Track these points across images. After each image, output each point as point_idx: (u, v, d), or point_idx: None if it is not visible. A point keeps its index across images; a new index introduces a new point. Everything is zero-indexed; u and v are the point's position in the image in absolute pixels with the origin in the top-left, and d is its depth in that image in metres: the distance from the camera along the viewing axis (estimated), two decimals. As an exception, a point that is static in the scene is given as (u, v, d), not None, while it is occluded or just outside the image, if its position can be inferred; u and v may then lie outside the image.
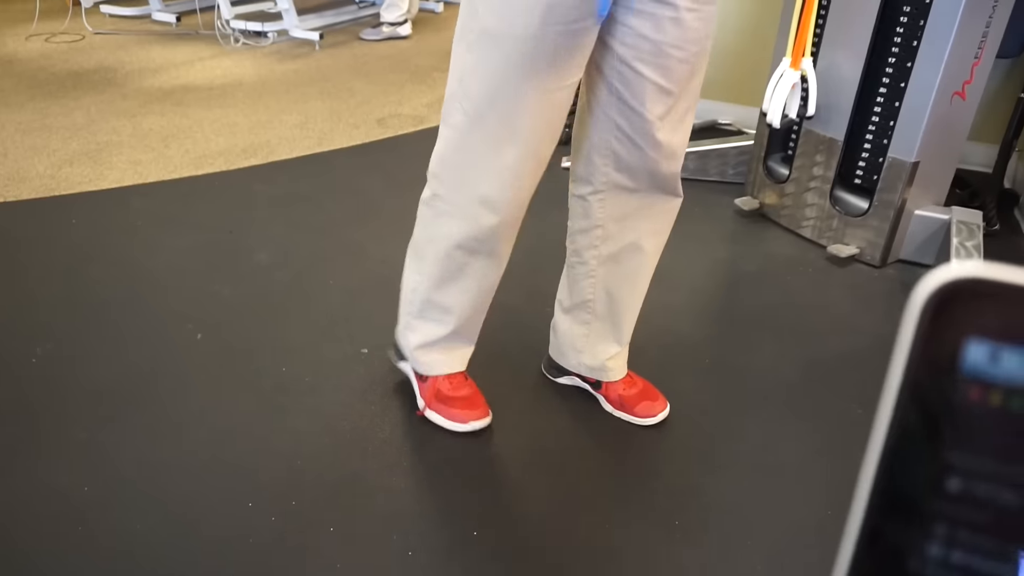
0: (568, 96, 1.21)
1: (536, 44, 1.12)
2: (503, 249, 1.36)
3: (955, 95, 1.95)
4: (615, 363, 1.51)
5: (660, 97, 1.21)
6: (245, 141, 2.81)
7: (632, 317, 1.49)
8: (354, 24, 4.81)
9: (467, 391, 1.47)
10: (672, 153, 1.29)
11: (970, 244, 1.96)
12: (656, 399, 1.51)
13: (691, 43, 1.18)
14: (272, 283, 1.91)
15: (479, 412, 1.45)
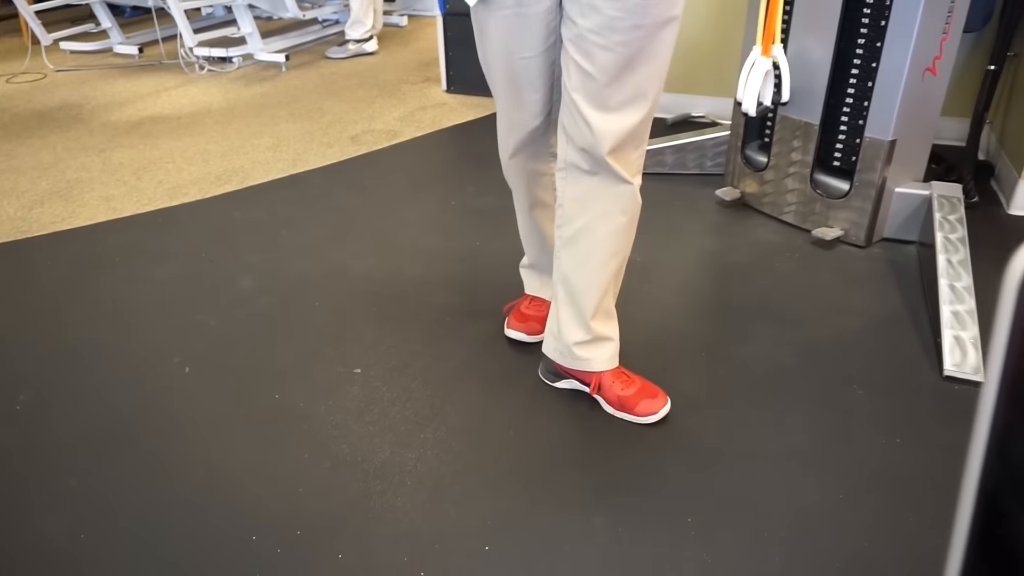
0: (529, 66, 1.35)
1: (486, 23, 1.36)
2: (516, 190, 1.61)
3: (927, 71, 1.96)
4: (583, 351, 1.49)
5: (584, 80, 1.28)
6: (218, 168, 2.77)
7: (589, 302, 1.46)
8: (319, 44, 4.78)
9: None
10: (605, 138, 1.31)
11: (953, 218, 1.96)
12: (656, 396, 1.50)
13: (614, 32, 1.22)
14: (257, 309, 1.88)
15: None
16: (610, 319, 1.52)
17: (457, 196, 2.52)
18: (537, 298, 1.76)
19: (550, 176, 1.55)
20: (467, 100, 3.61)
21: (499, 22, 1.33)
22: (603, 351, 1.51)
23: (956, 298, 1.72)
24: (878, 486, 1.33)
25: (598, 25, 1.22)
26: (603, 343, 1.51)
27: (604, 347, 1.51)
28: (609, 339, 1.52)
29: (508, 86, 1.41)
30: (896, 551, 1.20)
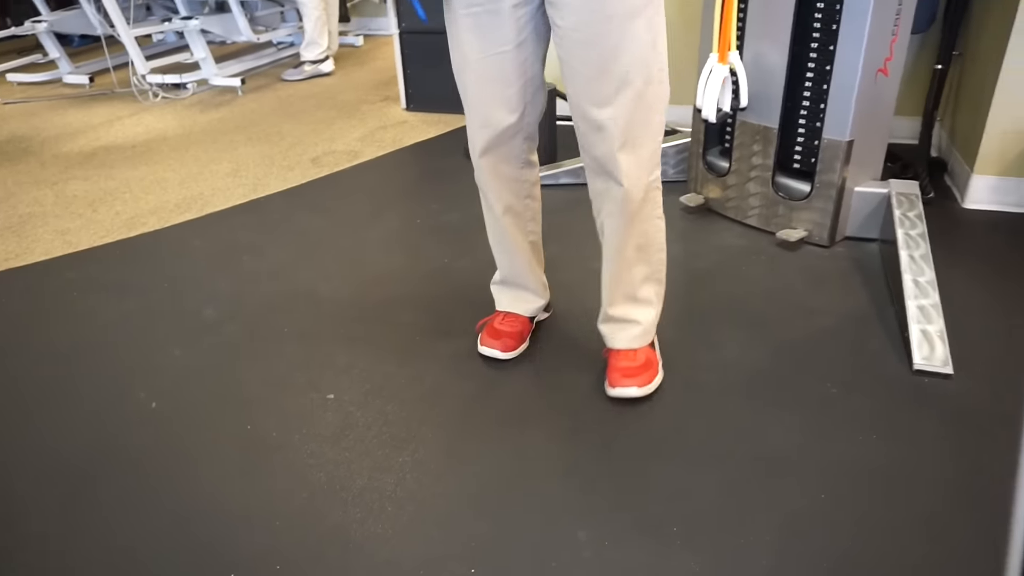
0: (501, 62, 1.39)
1: (457, 21, 1.41)
2: (488, 194, 1.60)
3: (879, 72, 2.00)
4: (603, 327, 1.63)
5: (569, 73, 1.37)
6: (177, 196, 2.72)
7: (608, 292, 1.59)
8: (275, 66, 4.74)
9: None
10: (597, 128, 1.37)
11: (912, 214, 2.00)
12: (637, 375, 1.55)
13: (589, 26, 1.29)
14: (223, 338, 1.84)
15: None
16: (631, 303, 1.58)
17: (422, 214, 2.50)
18: (511, 313, 1.74)
19: (522, 184, 1.59)
20: (427, 117, 3.60)
21: (469, 19, 1.38)
22: (617, 331, 1.60)
23: (921, 293, 1.75)
24: (859, 483, 1.34)
25: (576, 23, 1.30)
26: (622, 324, 1.59)
27: (620, 328, 1.59)
28: (628, 321, 1.58)
29: (481, 83, 1.43)
30: (883, 547, 1.21)
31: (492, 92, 1.43)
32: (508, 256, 1.69)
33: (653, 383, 1.58)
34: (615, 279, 1.56)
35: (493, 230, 1.67)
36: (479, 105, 1.46)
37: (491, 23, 1.36)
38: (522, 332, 1.73)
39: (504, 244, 1.67)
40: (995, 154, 2.34)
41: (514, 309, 1.74)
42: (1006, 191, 2.37)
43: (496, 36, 1.37)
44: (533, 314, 1.76)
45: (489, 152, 1.52)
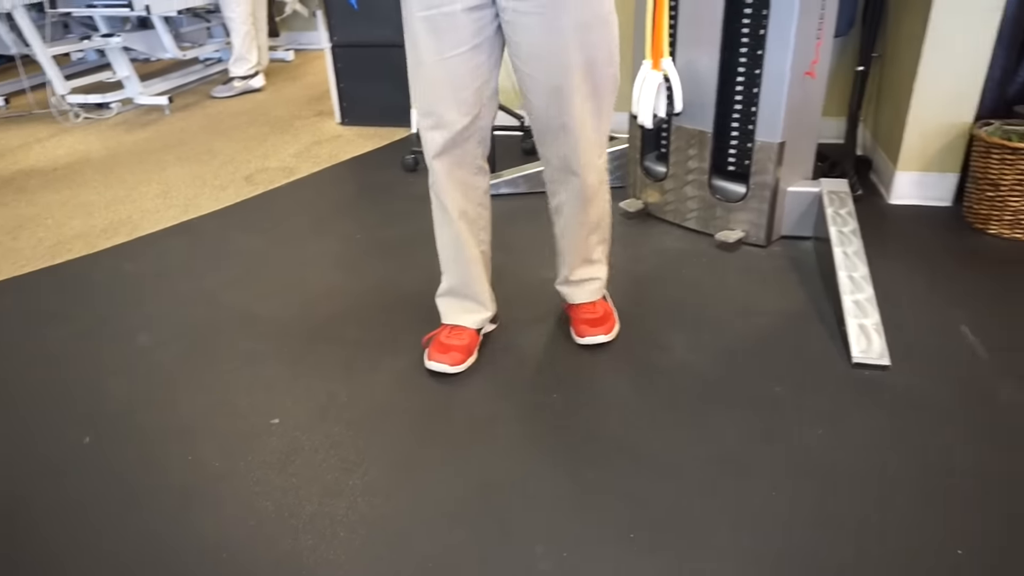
0: (456, 63, 1.44)
1: (414, 23, 1.44)
2: (443, 198, 1.60)
3: (806, 75, 2.06)
4: (564, 288, 1.81)
5: (530, 83, 1.49)
6: (104, 220, 2.61)
7: (568, 260, 1.76)
8: (203, 83, 4.63)
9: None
10: (562, 129, 1.50)
11: (843, 211, 2.06)
12: (600, 325, 1.75)
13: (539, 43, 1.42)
14: (159, 365, 1.77)
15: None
16: (588, 264, 1.76)
17: (362, 229, 2.46)
18: (457, 326, 1.72)
19: (475, 189, 1.62)
20: (363, 131, 3.56)
21: (425, 22, 1.42)
22: (573, 288, 1.78)
23: (856, 288, 1.80)
24: (810, 479, 1.36)
25: (531, 39, 1.42)
26: (582, 283, 1.77)
27: (583, 285, 1.77)
28: (587, 279, 1.77)
29: (435, 85, 1.47)
30: (838, 541, 1.23)
31: (446, 94, 1.47)
32: (459, 264, 1.68)
33: (615, 330, 1.78)
34: (573, 250, 1.72)
35: (446, 237, 1.66)
36: (434, 106, 1.49)
37: (447, 26, 1.41)
38: (469, 345, 1.71)
39: (456, 250, 1.66)
40: (916, 151, 2.43)
41: (461, 322, 1.72)
42: (928, 186, 2.46)
43: (451, 39, 1.42)
44: (480, 326, 1.74)
45: (444, 154, 1.54)
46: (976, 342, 1.73)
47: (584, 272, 1.76)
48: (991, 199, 2.22)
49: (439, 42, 1.42)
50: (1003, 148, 2.13)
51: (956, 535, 1.23)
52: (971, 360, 1.67)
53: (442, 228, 1.66)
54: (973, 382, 1.60)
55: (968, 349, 1.71)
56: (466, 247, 1.65)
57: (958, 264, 2.08)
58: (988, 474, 1.35)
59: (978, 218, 2.28)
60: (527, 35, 1.41)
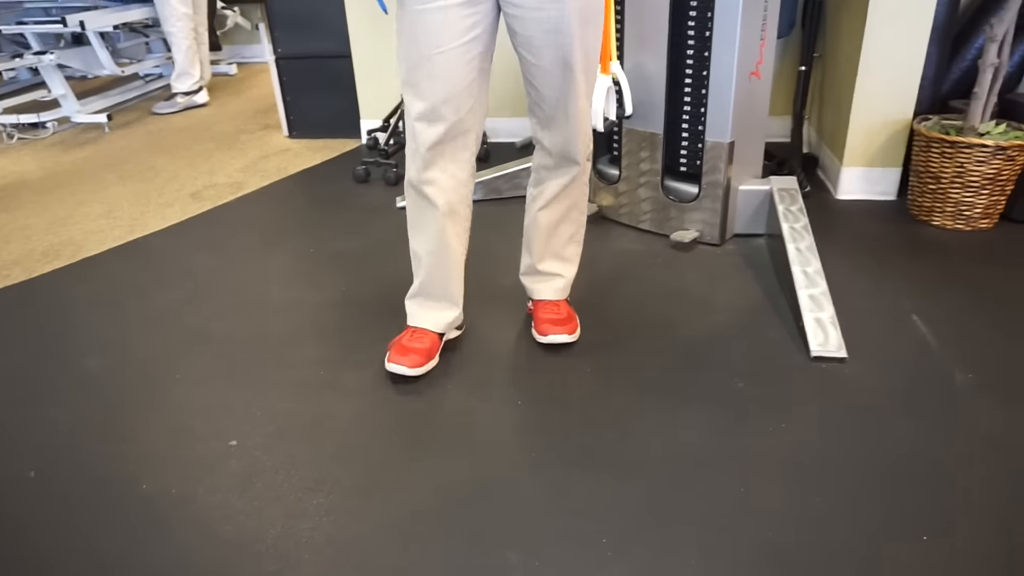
0: (452, 57, 1.46)
1: (408, 18, 1.47)
2: (431, 194, 1.59)
3: (751, 75, 2.09)
4: (528, 280, 1.85)
5: (538, 73, 1.54)
6: (44, 243, 2.52)
7: (537, 250, 1.79)
8: (143, 100, 4.51)
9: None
10: (565, 117, 1.58)
11: (794, 208, 2.10)
12: (564, 325, 1.76)
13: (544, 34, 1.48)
14: (110, 391, 1.71)
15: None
16: (557, 259, 1.79)
17: (315, 243, 2.42)
18: (420, 329, 1.72)
19: (465, 187, 1.63)
20: (312, 144, 3.51)
21: (421, 16, 1.44)
22: (547, 283, 1.81)
23: (810, 282, 1.83)
24: (774, 473, 1.37)
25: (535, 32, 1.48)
26: (548, 277, 1.81)
27: (549, 280, 1.81)
28: (553, 275, 1.80)
29: (431, 79, 1.48)
30: (805, 534, 1.24)
31: (442, 88, 1.48)
32: (436, 260, 1.66)
33: (578, 332, 1.79)
34: (544, 239, 1.76)
35: (428, 233, 1.64)
36: (429, 100, 1.50)
37: (443, 20, 1.44)
38: (430, 349, 1.70)
39: (439, 248, 1.64)
40: (860, 147, 2.49)
41: (425, 324, 1.72)
42: (873, 181, 2.53)
43: (448, 32, 1.45)
44: (444, 329, 1.74)
45: (438, 149, 1.55)
46: (927, 331, 1.77)
47: (551, 266, 1.79)
48: (933, 191, 2.28)
49: (436, 36, 1.45)
50: (942, 142, 2.20)
51: (920, 521, 1.26)
52: (923, 348, 1.71)
53: (424, 227, 1.64)
54: (927, 369, 1.63)
55: (920, 338, 1.75)
56: (448, 246, 1.64)
57: (905, 256, 2.14)
58: (947, 459, 1.39)
59: (922, 210, 2.35)
60: (536, 27, 1.46)
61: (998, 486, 1.32)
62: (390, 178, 2.91)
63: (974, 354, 1.68)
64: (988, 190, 2.20)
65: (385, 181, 2.93)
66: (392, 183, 2.91)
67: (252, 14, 5.41)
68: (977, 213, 2.25)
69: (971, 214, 2.26)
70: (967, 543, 1.21)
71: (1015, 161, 2.16)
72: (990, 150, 2.14)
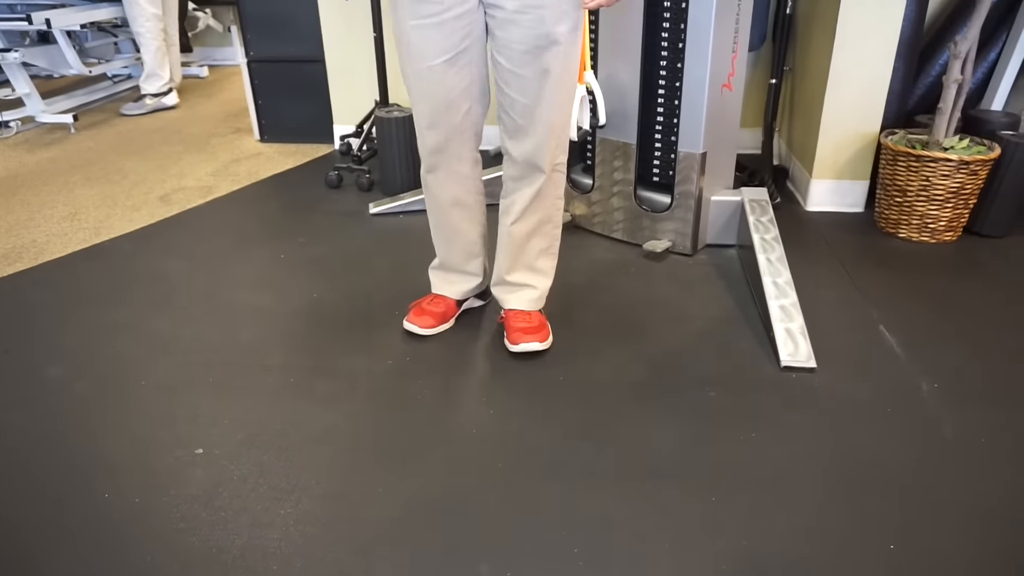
0: (446, 68, 1.53)
1: (403, 30, 1.55)
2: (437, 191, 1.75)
3: (723, 87, 2.12)
4: (498, 290, 1.85)
5: (514, 80, 1.56)
6: (5, 245, 2.46)
7: (506, 261, 1.80)
8: (111, 101, 4.44)
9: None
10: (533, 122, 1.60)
11: (765, 219, 2.12)
12: (535, 334, 1.76)
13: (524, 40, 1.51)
14: (72, 398, 1.67)
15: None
16: (528, 271, 1.80)
17: (286, 248, 2.39)
18: (439, 296, 1.89)
19: (473, 180, 1.76)
20: (284, 148, 3.47)
21: (415, 30, 1.51)
22: (517, 293, 1.81)
23: (780, 293, 1.85)
24: (746, 483, 1.38)
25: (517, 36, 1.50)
26: (519, 288, 1.81)
27: (520, 290, 1.81)
28: (525, 285, 1.81)
29: (428, 87, 1.57)
30: (775, 544, 1.25)
31: (439, 94, 1.57)
32: (447, 244, 1.84)
33: (549, 340, 1.80)
34: (516, 250, 1.77)
35: (440, 220, 1.81)
36: (427, 107, 1.60)
37: (437, 33, 1.51)
38: (445, 313, 1.88)
39: (450, 235, 1.82)
40: (829, 160, 2.53)
41: (443, 291, 1.89)
42: (842, 193, 2.57)
43: (442, 45, 1.51)
44: (463, 296, 1.91)
45: (439, 151, 1.66)
46: (894, 341, 1.80)
47: (522, 277, 1.81)
48: (899, 204, 2.32)
49: (430, 48, 1.52)
50: (908, 156, 2.24)
51: (887, 530, 1.27)
52: (891, 358, 1.73)
53: (436, 216, 1.81)
54: (895, 379, 1.66)
55: (887, 348, 1.77)
56: (459, 230, 1.81)
57: (873, 267, 2.17)
58: (915, 468, 1.40)
59: (889, 222, 2.39)
60: (518, 32, 1.49)
61: (964, 494, 1.34)
62: (363, 184, 2.89)
63: (939, 364, 1.71)
64: (952, 203, 2.25)
65: (358, 187, 2.91)
66: (365, 189, 2.89)
67: (224, 16, 5.35)
68: (942, 226, 2.30)
69: (936, 227, 2.30)
70: (934, 551, 1.23)
71: (978, 175, 2.21)
72: (954, 164, 2.18)
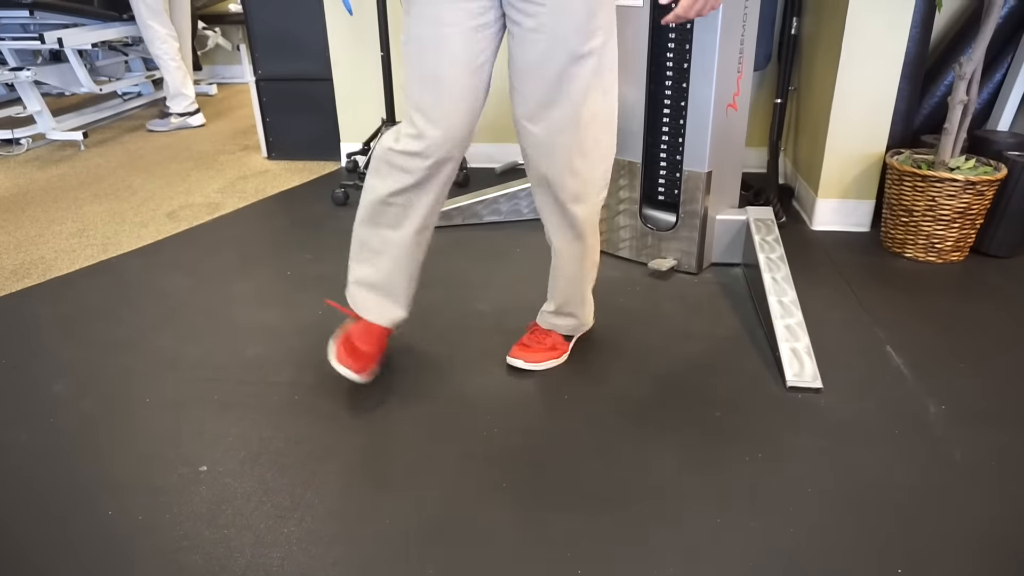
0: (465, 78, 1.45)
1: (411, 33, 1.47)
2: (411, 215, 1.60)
3: (728, 107, 2.12)
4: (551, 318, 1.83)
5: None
6: (13, 261, 2.47)
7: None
8: (120, 118, 4.48)
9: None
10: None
11: (770, 238, 2.12)
12: (529, 351, 1.77)
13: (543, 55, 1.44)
14: (78, 416, 1.67)
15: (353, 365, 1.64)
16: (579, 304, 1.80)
17: (292, 265, 2.40)
18: (372, 325, 1.69)
19: (441, 205, 1.63)
20: (291, 165, 3.50)
21: (420, 37, 1.43)
22: (547, 316, 1.82)
23: (785, 312, 1.85)
24: (752, 504, 1.37)
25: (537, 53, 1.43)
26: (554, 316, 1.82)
27: (551, 315, 1.81)
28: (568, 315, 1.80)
29: (454, 97, 1.46)
30: (781, 567, 1.24)
31: (455, 107, 1.47)
32: (397, 270, 1.65)
33: (543, 365, 1.78)
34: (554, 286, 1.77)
35: (395, 243, 1.62)
36: (440, 118, 1.48)
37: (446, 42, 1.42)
38: (381, 347, 1.71)
39: (400, 258, 1.64)
40: (834, 179, 2.53)
41: (378, 319, 1.68)
42: (847, 212, 2.57)
43: (449, 56, 1.43)
44: (396, 325, 1.72)
45: (440, 162, 1.53)
46: (901, 362, 1.79)
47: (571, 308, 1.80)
48: (906, 224, 2.32)
49: (458, 55, 1.43)
50: (914, 176, 2.24)
51: (895, 554, 1.26)
52: (898, 379, 1.72)
53: (394, 239, 1.62)
54: (901, 400, 1.65)
55: (894, 369, 1.76)
56: (410, 258, 1.64)
57: (879, 287, 2.16)
58: (922, 491, 1.39)
59: (895, 242, 2.38)
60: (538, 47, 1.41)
61: (972, 518, 1.33)
62: (369, 201, 2.90)
63: (947, 385, 1.70)
64: (959, 224, 2.24)
65: (364, 204, 2.92)
66: (371, 206, 2.90)
67: (233, 35, 5.41)
68: (948, 246, 2.29)
69: (943, 247, 2.29)
70: (942, 574, 1.21)
71: (984, 196, 2.21)
72: (960, 184, 2.18)
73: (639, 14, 2.08)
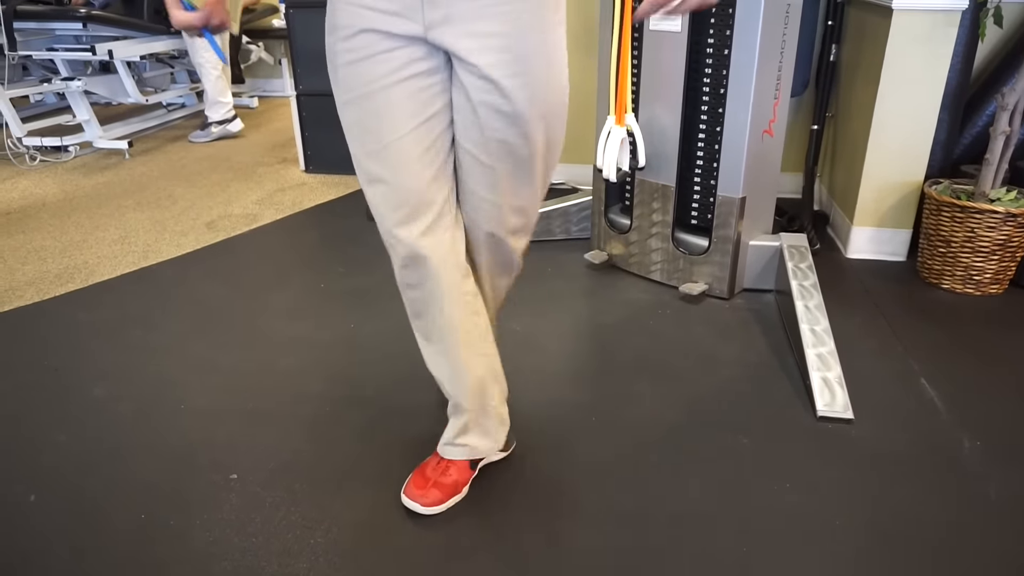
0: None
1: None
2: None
3: (764, 133, 2.12)
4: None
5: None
6: (58, 266, 2.55)
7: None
8: (164, 128, 4.59)
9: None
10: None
11: (804, 265, 2.10)
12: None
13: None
14: (115, 419, 1.71)
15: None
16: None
17: (326, 278, 2.44)
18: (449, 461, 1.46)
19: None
20: (327, 179, 3.55)
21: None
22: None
23: (817, 341, 1.83)
24: (778, 534, 1.35)
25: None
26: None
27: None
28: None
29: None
30: (802, 598, 1.22)
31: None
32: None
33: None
34: None
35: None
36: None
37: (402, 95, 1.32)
38: (458, 483, 1.44)
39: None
40: (871, 208, 2.51)
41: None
42: (883, 241, 2.54)
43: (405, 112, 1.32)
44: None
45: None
46: (935, 395, 1.76)
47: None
48: (943, 255, 2.29)
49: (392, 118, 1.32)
50: (953, 206, 2.21)
51: (923, 591, 1.24)
52: (931, 412, 1.70)
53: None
54: (935, 434, 1.62)
55: (928, 402, 1.74)
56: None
57: (914, 318, 2.14)
58: (954, 526, 1.37)
59: (932, 273, 2.35)
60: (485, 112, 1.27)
61: (1005, 555, 1.30)
62: (403, 217, 2.94)
63: (983, 420, 1.67)
64: (998, 256, 2.21)
65: (398, 219, 2.96)
66: (405, 222, 2.93)
67: (276, 50, 5.52)
68: (987, 278, 2.25)
69: (981, 279, 2.26)
70: (972, 616, 1.19)
71: (1025, 228, 2.17)
72: (1001, 216, 2.15)
73: (677, 39, 2.09)
